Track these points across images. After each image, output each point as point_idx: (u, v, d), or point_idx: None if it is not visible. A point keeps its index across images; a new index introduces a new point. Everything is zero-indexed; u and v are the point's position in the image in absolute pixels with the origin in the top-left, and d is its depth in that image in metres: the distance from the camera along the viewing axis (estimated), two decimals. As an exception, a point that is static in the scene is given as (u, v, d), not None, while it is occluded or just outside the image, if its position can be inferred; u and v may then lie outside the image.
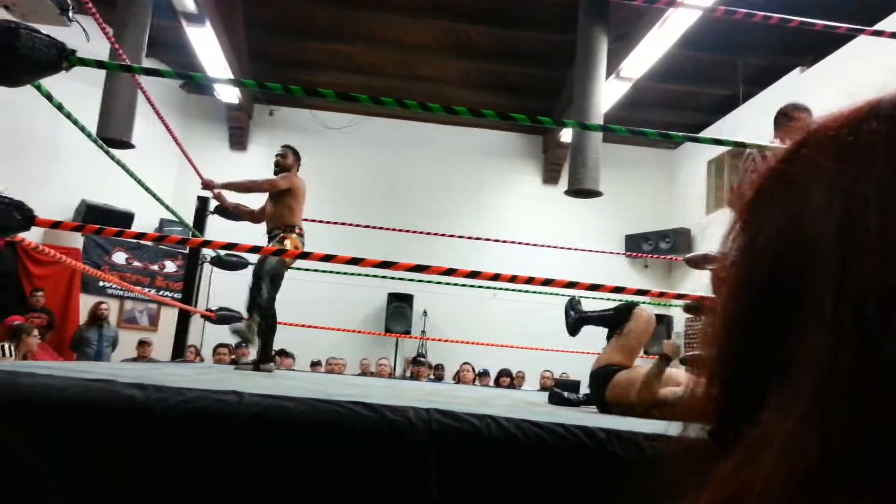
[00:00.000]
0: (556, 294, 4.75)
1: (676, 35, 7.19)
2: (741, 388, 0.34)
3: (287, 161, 4.55)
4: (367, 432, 1.42)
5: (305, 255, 2.03)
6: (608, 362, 3.32)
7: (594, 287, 2.29)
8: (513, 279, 2.12)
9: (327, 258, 1.80)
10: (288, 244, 4.21)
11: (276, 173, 4.53)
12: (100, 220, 7.16)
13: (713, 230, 9.00)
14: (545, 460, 1.44)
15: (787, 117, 3.24)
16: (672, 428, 0.38)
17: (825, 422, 0.27)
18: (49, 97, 1.93)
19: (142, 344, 7.57)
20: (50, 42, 1.66)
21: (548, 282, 2.15)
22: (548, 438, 1.45)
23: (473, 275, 2.03)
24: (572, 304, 3.93)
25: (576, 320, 3.82)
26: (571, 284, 2.16)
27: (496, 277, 2.08)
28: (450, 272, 1.98)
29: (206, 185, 4.53)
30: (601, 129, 2.22)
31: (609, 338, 3.54)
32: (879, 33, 2.26)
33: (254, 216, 4.65)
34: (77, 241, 7.88)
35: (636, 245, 10.65)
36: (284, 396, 1.48)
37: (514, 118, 2.20)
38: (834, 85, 7.42)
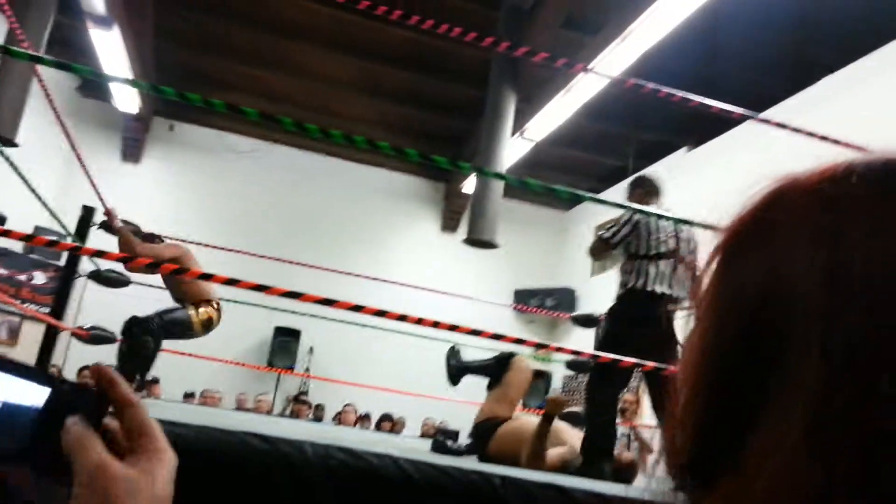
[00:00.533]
0: (444, 341, 4.77)
1: (579, 103, 7.58)
2: (719, 429, 0.34)
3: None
4: (260, 464, 1.37)
5: (181, 272, 1.93)
6: (490, 415, 3.36)
7: (475, 332, 2.32)
8: (402, 318, 2.12)
9: (205, 276, 1.73)
10: (200, 312, 4.00)
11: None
12: (-35, 220, 6.59)
13: (596, 292, 9.38)
14: (441, 502, 1.43)
15: (633, 185, 3.67)
16: (631, 491, 0.39)
17: (825, 451, 0.28)
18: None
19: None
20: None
21: (436, 324, 2.16)
22: (445, 480, 1.45)
23: (357, 308, 2.01)
24: (453, 353, 3.94)
25: (457, 369, 3.84)
26: (454, 328, 2.18)
27: (382, 314, 2.06)
28: (328, 302, 1.95)
29: (108, 214, 4.26)
30: (519, 182, 2.29)
31: (489, 388, 3.59)
32: (767, 121, 2.48)
33: (129, 252, 4.35)
34: (-64, 240, 7.20)
35: (524, 300, 10.93)
36: (174, 422, 1.39)
37: (406, 153, 2.23)
38: (715, 166, 8.03)
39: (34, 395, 0.47)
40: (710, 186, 7.64)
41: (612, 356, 2.61)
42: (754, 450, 0.31)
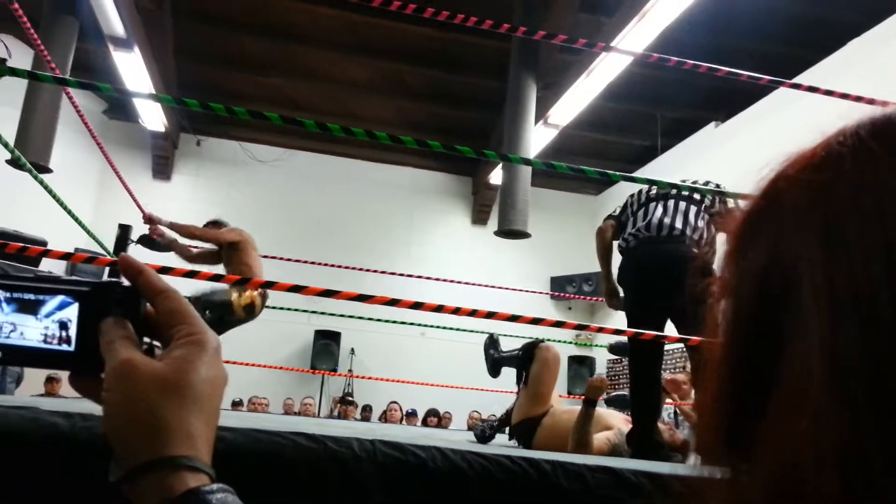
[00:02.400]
0: (484, 332, 4.77)
1: (601, 86, 7.49)
2: (746, 399, 0.35)
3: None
4: (309, 464, 1.38)
5: (245, 281, 1.95)
6: (525, 416, 3.27)
7: (513, 318, 2.31)
8: (438, 309, 2.11)
9: (268, 284, 1.74)
10: (244, 295, 4.03)
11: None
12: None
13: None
14: (491, 492, 1.42)
15: None
16: (679, 468, 0.39)
17: (845, 390, 0.28)
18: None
19: (50, 380, 7.12)
20: (-20, 51, 1.58)
21: (473, 312, 2.15)
22: (494, 470, 1.44)
23: (394, 302, 2.01)
24: (492, 341, 3.82)
25: (494, 359, 3.74)
26: (491, 314, 2.17)
27: (419, 306, 2.06)
28: (365, 298, 1.95)
29: (149, 219, 4.34)
30: (545, 165, 2.27)
31: (518, 379, 3.50)
32: (797, 86, 2.42)
33: (191, 258, 4.44)
34: (-19, 269, 7.41)
35: (561, 287, 10.86)
36: (222, 426, 1.41)
37: (430, 145, 2.22)
38: (746, 138, 7.88)
39: (72, 303, 0.48)
40: (744, 158, 7.48)
41: (632, 330, 2.59)
42: (780, 410, 0.31)
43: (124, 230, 4.59)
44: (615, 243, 3.32)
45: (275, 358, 8.94)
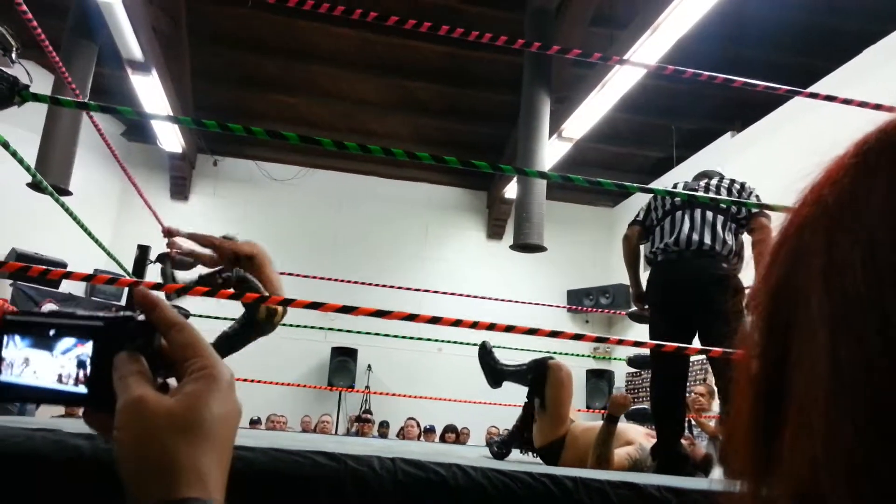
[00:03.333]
0: (503, 347, 4.74)
1: (615, 98, 7.49)
2: (764, 424, 0.35)
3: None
4: (329, 483, 1.37)
5: (263, 299, 1.96)
6: (549, 441, 3.21)
7: (532, 331, 2.30)
8: (456, 323, 2.11)
9: (286, 302, 1.75)
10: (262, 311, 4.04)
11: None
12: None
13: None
14: (513, 510, 1.41)
15: None
16: (714, 484, 0.38)
17: (846, 401, 0.29)
18: (-4, 136, 1.85)
19: (69, 400, 7.17)
20: (1, 76, 1.61)
21: (491, 326, 2.15)
22: (515, 487, 1.43)
23: (411, 317, 2.00)
24: (485, 350, 3.61)
25: (493, 369, 3.63)
26: (510, 328, 2.16)
27: (436, 320, 2.06)
28: (382, 313, 1.95)
29: (168, 232, 4.37)
30: (561, 178, 2.27)
31: (529, 395, 3.40)
32: (815, 95, 2.40)
33: (212, 262, 4.44)
34: (6, 291, 7.52)
35: (578, 300, 10.81)
36: (241, 446, 1.41)
37: (446, 161, 2.23)
38: (763, 148, 7.83)
39: (86, 339, 0.48)
40: (760, 168, 7.44)
41: (652, 342, 2.56)
42: (794, 426, 0.31)
43: (143, 251, 4.62)
44: (643, 252, 3.31)
45: (292, 375, 8.95)
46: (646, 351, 4.39)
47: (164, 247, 4.56)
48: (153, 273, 4.57)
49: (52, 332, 0.47)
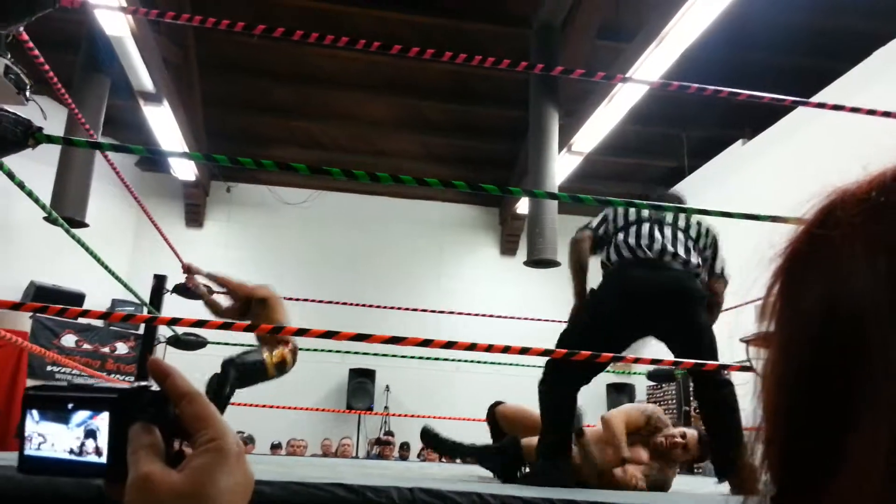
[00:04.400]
0: (520, 364, 4.71)
1: (624, 111, 7.48)
2: (806, 449, 0.33)
3: None
4: (348, 515, 1.37)
5: (278, 330, 1.98)
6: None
7: (548, 353, 2.28)
8: (471, 347, 2.10)
9: (301, 332, 1.76)
10: (275, 354, 4.12)
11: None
12: (49, 302, 6.93)
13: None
14: (534, 537, 1.40)
15: None
16: (733, 501, 0.38)
17: None
18: (11, 175, 1.89)
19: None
20: (17, 120, 1.64)
21: (506, 349, 2.13)
22: (535, 514, 1.42)
23: (426, 343, 2.00)
24: (429, 435, 3.42)
25: (444, 448, 3.45)
26: (525, 350, 2.15)
27: (450, 345, 2.05)
28: (397, 340, 1.94)
29: (188, 269, 4.44)
30: (571, 199, 2.26)
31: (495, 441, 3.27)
32: (822, 105, 2.39)
33: (218, 312, 4.54)
34: (25, 324, 7.59)
35: (594, 314, 10.73)
36: (260, 481, 1.41)
37: (456, 185, 2.24)
38: (775, 155, 7.78)
39: (102, 412, 0.48)
40: (773, 176, 7.41)
41: (672, 360, 2.51)
42: (845, 482, 0.30)
43: (159, 280, 4.66)
44: (594, 260, 3.09)
45: (311, 399, 8.95)
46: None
47: (181, 278, 4.63)
48: (169, 303, 4.60)
49: (70, 406, 0.48)
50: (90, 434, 0.47)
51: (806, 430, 0.33)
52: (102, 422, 0.48)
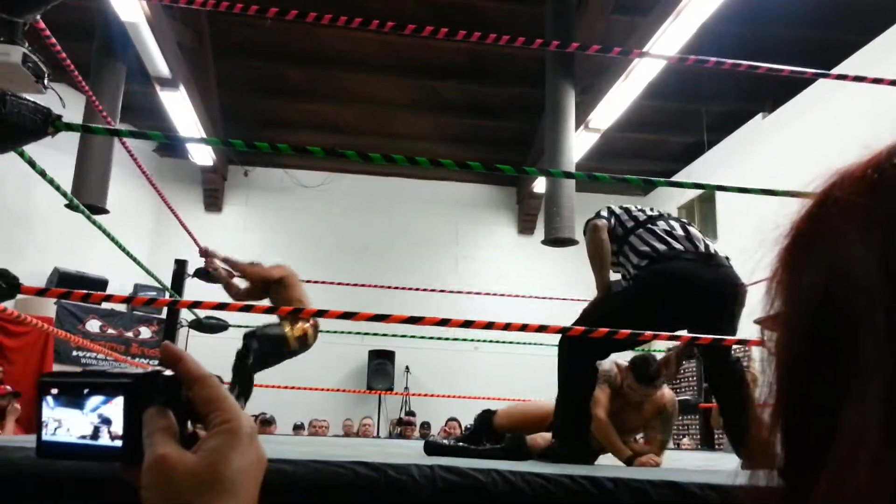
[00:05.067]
0: (539, 344, 4.71)
1: (641, 86, 7.40)
2: (806, 424, 0.35)
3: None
4: (370, 493, 1.39)
5: (298, 311, 1.99)
6: None
7: (563, 330, 2.28)
8: (488, 326, 2.10)
9: (320, 313, 1.78)
10: (296, 328, 4.16)
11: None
12: (73, 288, 7.04)
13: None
14: (554, 513, 1.41)
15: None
16: (739, 476, 0.38)
17: None
18: (32, 164, 1.91)
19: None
20: (35, 108, 1.65)
21: (523, 327, 2.14)
22: (555, 490, 1.43)
23: (443, 322, 2.00)
24: (432, 447, 3.24)
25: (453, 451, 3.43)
26: (543, 328, 2.15)
27: (468, 324, 2.05)
28: (415, 320, 1.95)
29: (205, 252, 4.49)
30: (588, 177, 2.25)
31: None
32: (843, 77, 2.35)
33: (238, 295, 4.58)
34: (50, 310, 7.72)
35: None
36: (282, 459, 1.43)
37: (471, 166, 2.23)
38: (796, 128, 7.67)
39: (117, 396, 0.49)
40: (794, 149, 7.31)
41: (689, 336, 2.50)
42: (839, 454, 0.31)
43: (181, 265, 4.72)
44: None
45: (332, 380, 9.03)
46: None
47: (201, 262, 4.68)
48: (190, 287, 4.66)
49: (85, 391, 0.49)
50: (105, 419, 0.48)
51: (805, 405, 0.35)
52: (117, 407, 0.48)
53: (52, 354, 7.76)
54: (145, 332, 8.71)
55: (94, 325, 8.27)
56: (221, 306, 1.94)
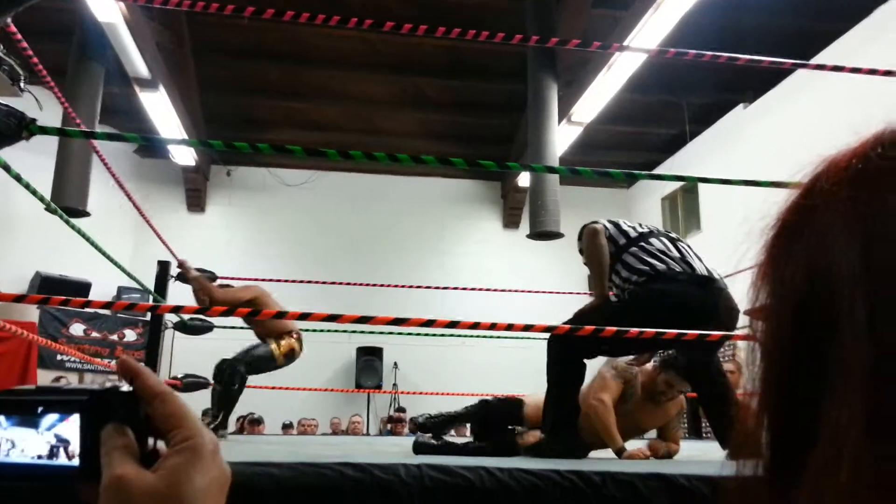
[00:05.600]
0: (527, 338, 4.72)
1: (623, 79, 7.42)
2: (790, 417, 0.34)
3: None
4: (357, 494, 1.38)
5: (282, 315, 1.98)
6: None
7: (549, 329, 2.27)
8: (474, 326, 2.09)
9: (279, 315, 1.76)
10: (282, 345, 4.15)
11: None
12: (55, 292, 6.96)
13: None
14: (542, 509, 1.41)
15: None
16: (726, 468, 0.38)
17: (885, 429, 0.28)
18: (7, 168, 1.88)
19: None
20: (9, 112, 1.63)
21: (509, 326, 2.13)
22: (543, 486, 1.43)
23: (429, 323, 1.98)
24: (423, 446, 2.94)
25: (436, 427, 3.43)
26: (528, 327, 2.14)
27: (454, 324, 2.03)
28: (400, 321, 1.93)
29: (181, 265, 4.44)
30: (571, 172, 2.25)
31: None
32: (821, 67, 2.36)
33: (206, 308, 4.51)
34: (33, 314, 7.64)
35: (599, 284, 10.73)
36: (269, 463, 1.43)
37: (453, 163, 2.23)
38: (777, 117, 7.72)
39: (72, 414, 0.47)
40: (776, 138, 7.36)
41: (675, 332, 2.50)
42: (820, 456, 0.31)
43: (163, 267, 4.68)
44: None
45: (321, 378, 9.00)
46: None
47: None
48: (173, 289, 4.62)
49: (39, 409, 0.47)
50: (61, 438, 0.47)
51: (790, 396, 0.34)
52: (73, 425, 0.47)
53: (35, 359, 7.68)
54: (130, 335, 8.65)
55: (77, 329, 8.19)
56: (203, 310, 1.92)
